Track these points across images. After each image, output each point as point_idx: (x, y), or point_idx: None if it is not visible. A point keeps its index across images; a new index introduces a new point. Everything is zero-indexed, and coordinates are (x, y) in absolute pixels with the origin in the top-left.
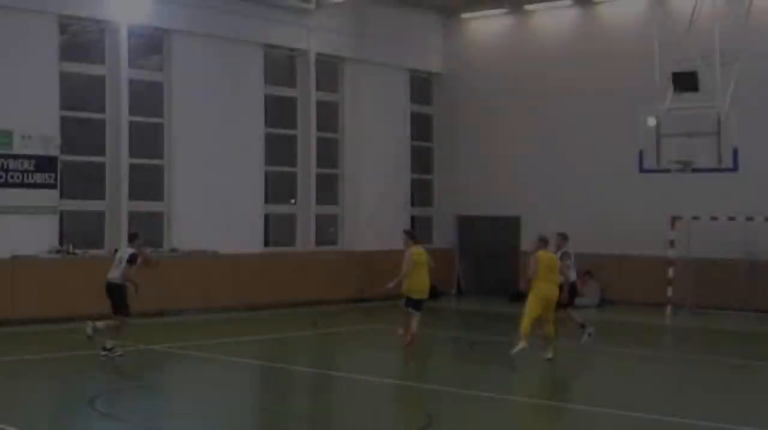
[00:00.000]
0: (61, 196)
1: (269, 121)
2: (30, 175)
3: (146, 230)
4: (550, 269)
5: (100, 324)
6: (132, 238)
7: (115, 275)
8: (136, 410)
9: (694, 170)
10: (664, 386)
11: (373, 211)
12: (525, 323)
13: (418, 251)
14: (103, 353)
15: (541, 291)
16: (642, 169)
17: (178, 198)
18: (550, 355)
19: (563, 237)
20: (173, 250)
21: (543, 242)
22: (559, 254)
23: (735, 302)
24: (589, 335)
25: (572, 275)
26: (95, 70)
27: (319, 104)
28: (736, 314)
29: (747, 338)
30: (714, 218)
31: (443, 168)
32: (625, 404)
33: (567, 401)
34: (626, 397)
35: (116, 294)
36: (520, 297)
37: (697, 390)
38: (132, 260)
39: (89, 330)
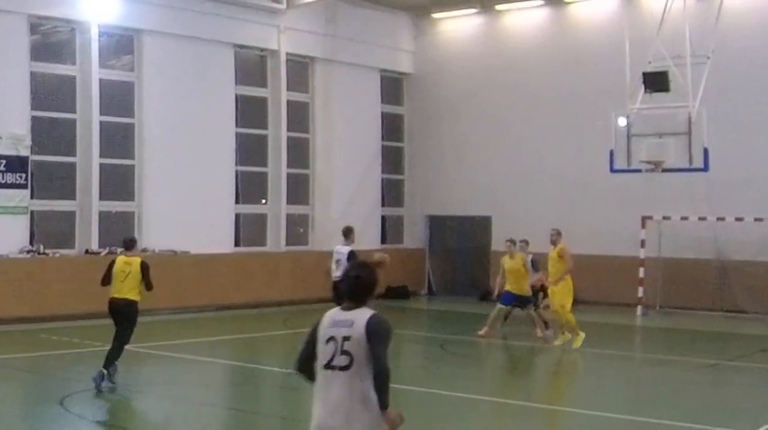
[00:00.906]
0: (32, 196)
1: (240, 122)
2: (0, 175)
3: (117, 230)
4: None
5: None
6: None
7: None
8: (107, 410)
9: (665, 170)
10: (634, 386)
11: (344, 212)
12: (571, 316)
13: None
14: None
15: (571, 282)
16: (613, 170)
17: (149, 198)
18: (559, 341)
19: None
20: (144, 250)
21: (560, 234)
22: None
23: (705, 302)
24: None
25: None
26: (66, 70)
27: (290, 104)
28: (706, 313)
29: (717, 337)
30: (684, 218)
31: (414, 168)
32: (596, 404)
33: (538, 401)
34: (597, 397)
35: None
36: (489, 297)
37: (666, 390)
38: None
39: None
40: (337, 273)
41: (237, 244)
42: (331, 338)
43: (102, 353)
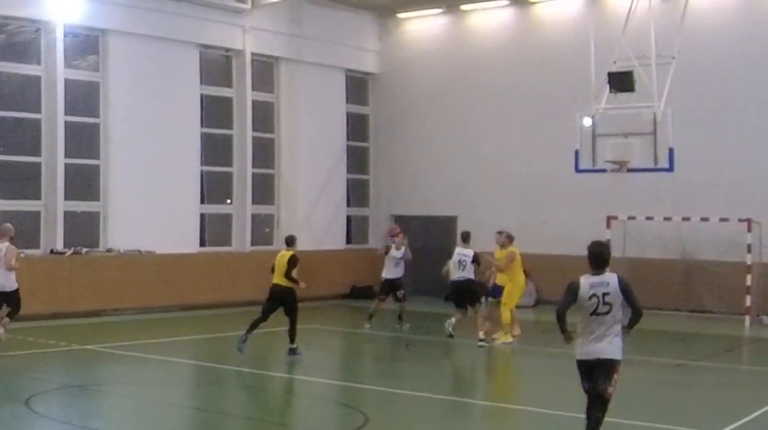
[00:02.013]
0: None
1: (205, 121)
2: None
3: (82, 230)
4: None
5: None
6: (289, 241)
7: None
8: (72, 410)
9: (630, 170)
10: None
11: (309, 212)
12: (508, 315)
13: None
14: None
15: (522, 281)
16: (578, 170)
17: (114, 198)
18: (509, 339)
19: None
20: (109, 250)
21: (511, 239)
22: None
23: (671, 302)
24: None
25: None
26: (31, 70)
27: (255, 104)
28: (671, 314)
29: (682, 338)
30: (650, 218)
31: (379, 168)
32: (562, 404)
33: (503, 401)
34: (562, 397)
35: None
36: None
37: (632, 390)
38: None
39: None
40: (462, 273)
41: (202, 244)
42: (594, 295)
43: (67, 352)
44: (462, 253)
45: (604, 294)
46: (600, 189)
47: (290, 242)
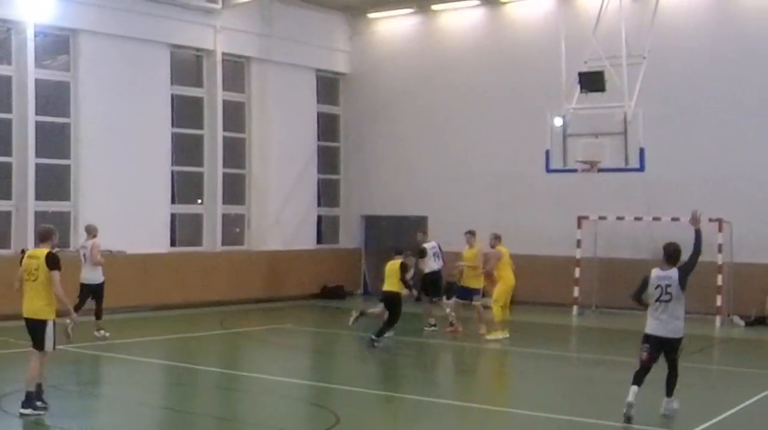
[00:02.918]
0: None
1: (176, 121)
2: None
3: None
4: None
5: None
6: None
7: None
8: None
9: (601, 170)
10: (571, 386)
11: (280, 212)
12: (499, 312)
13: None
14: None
15: (511, 279)
16: (549, 170)
17: (85, 198)
18: (499, 336)
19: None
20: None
21: (498, 239)
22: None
23: (642, 302)
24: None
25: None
26: (1, 70)
27: (226, 104)
28: (642, 314)
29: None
30: (620, 218)
31: (350, 168)
32: (533, 404)
33: (472, 401)
34: (534, 397)
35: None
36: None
37: (603, 390)
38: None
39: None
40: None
41: (173, 244)
42: (659, 286)
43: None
44: (433, 245)
45: (667, 286)
46: (571, 189)
47: (399, 251)
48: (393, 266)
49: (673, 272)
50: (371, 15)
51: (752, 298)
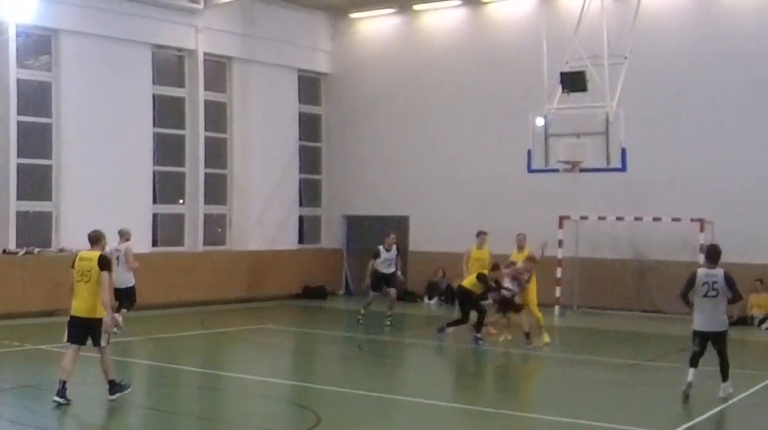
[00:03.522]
0: None
1: (158, 121)
2: None
3: (34, 230)
4: None
5: None
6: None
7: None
8: (24, 410)
9: (583, 170)
10: (552, 387)
11: (262, 212)
12: (539, 314)
13: None
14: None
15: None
16: (530, 170)
17: (67, 198)
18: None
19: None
20: (61, 250)
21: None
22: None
23: (623, 302)
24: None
25: None
26: None
27: (208, 104)
28: (624, 314)
29: (635, 337)
30: (602, 218)
31: (332, 168)
32: (515, 405)
33: (455, 401)
34: (515, 397)
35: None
36: (407, 297)
37: (584, 390)
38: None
39: None
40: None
41: (155, 244)
42: (705, 283)
43: (19, 352)
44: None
45: (714, 283)
46: (552, 189)
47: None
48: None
49: (719, 271)
50: (353, 15)
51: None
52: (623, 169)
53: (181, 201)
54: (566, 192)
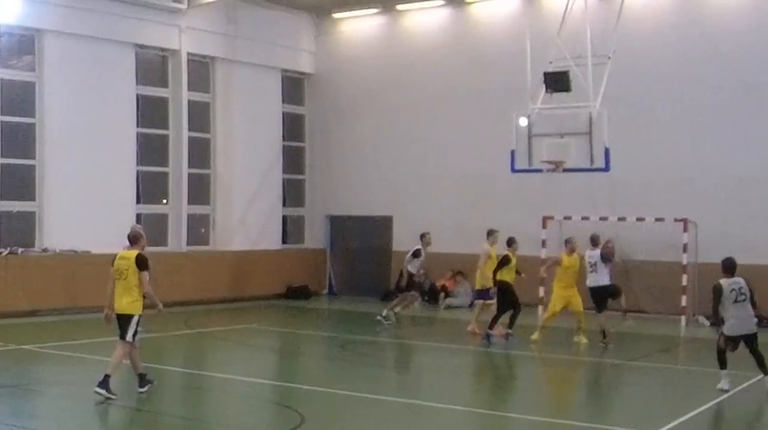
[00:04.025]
0: None
1: (141, 121)
2: None
3: (17, 230)
4: None
5: None
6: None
7: None
8: (6, 410)
9: (566, 170)
10: (537, 386)
11: (245, 212)
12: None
13: None
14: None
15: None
16: (514, 170)
17: (50, 198)
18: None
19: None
20: (45, 250)
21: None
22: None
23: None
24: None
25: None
26: None
27: (191, 104)
28: (607, 313)
29: (618, 337)
30: (585, 218)
31: (315, 168)
32: (498, 404)
33: (438, 401)
34: (500, 397)
35: None
36: (391, 297)
37: (569, 390)
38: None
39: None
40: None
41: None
42: (733, 290)
43: (2, 352)
44: (591, 255)
45: (740, 288)
46: (536, 189)
47: (510, 242)
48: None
49: (740, 278)
50: (336, 15)
51: None
52: (606, 169)
53: (164, 201)
54: (550, 192)
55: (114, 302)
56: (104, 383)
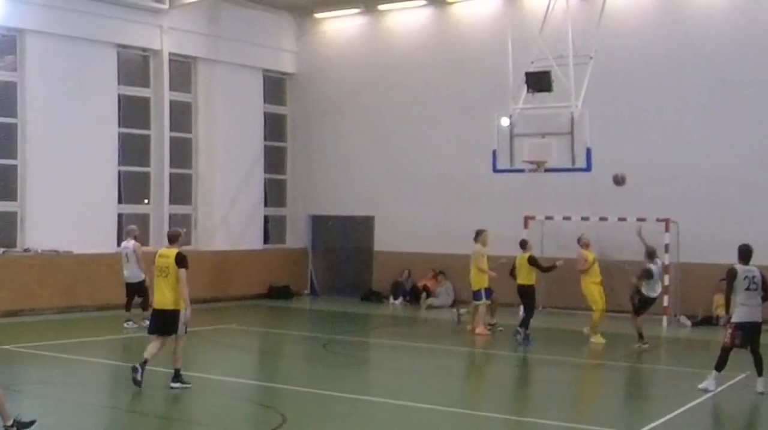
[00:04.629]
0: None
1: (123, 122)
2: None
3: (0, 231)
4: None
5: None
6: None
7: None
8: None
9: (548, 170)
10: (518, 386)
11: (227, 212)
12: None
13: None
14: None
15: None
16: (495, 170)
17: (32, 198)
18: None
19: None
20: (27, 250)
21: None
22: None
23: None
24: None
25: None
26: None
27: (173, 104)
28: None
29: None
30: (567, 218)
31: (297, 168)
32: (481, 404)
33: (420, 401)
34: (482, 397)
35: None
36: (372, 297)
37: (550, 390)
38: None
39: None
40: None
41: (119, 244)
42: (746, 277)
43: None
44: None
45: (753, 277)
46: (518, 189)
47: (523, 245)
48: (521, 260)
49: (754, 267)
50: (318, 15)
51: (699, 298)
52: (588, 169)
53: (146, 201)
54: (531, 192)
55: (155, 299)
56: (177, 377)
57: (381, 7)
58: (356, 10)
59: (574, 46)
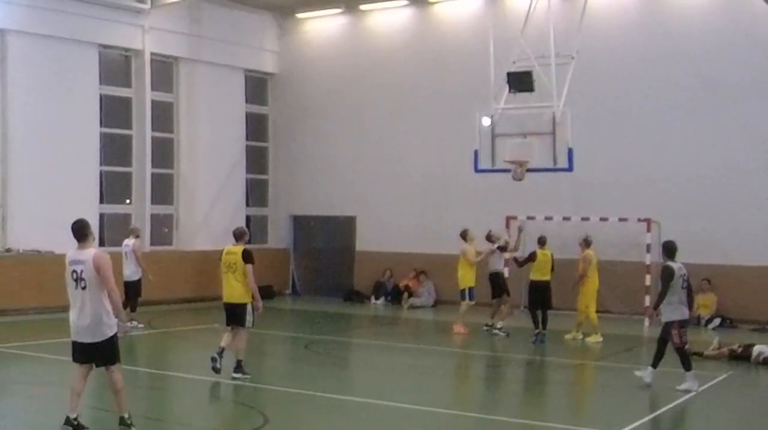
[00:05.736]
0: None
1: (104, 121)
2: None
3: None
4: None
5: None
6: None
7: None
8: None
9: (530, 170)
10: (499, 386)
11: (208, 211)
12: (594, 315)
13: None
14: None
15: (596, 283)
16: (477, 170)
17: (14, 198)
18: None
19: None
20: (8, 250)
21: (588, 243)
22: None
23: (570, 302)
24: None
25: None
26: None
27: (154, 104)
28: (571, 314)
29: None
30: (549, 218)
31: (279, 168)
32: (463, 405)
33: (401, 401)
34: (463, 397)
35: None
36: (354, 297)
37: (532, 390)
38: None
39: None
40: None
41: (101, 244)
42: (681, 276)
43: None
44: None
45: (685, 274)
46: (499, 189)
47: (542, 241)
48: (545, 255)
49: (681, 264)
50: (300, 15)
51: None
52: (570, 169)
53: (127, 201)
54: (513, 192)
55: (225, 293)
56: (239, 368)
57: (363, 7)
58: (338, 10)
59: (555, 45)
